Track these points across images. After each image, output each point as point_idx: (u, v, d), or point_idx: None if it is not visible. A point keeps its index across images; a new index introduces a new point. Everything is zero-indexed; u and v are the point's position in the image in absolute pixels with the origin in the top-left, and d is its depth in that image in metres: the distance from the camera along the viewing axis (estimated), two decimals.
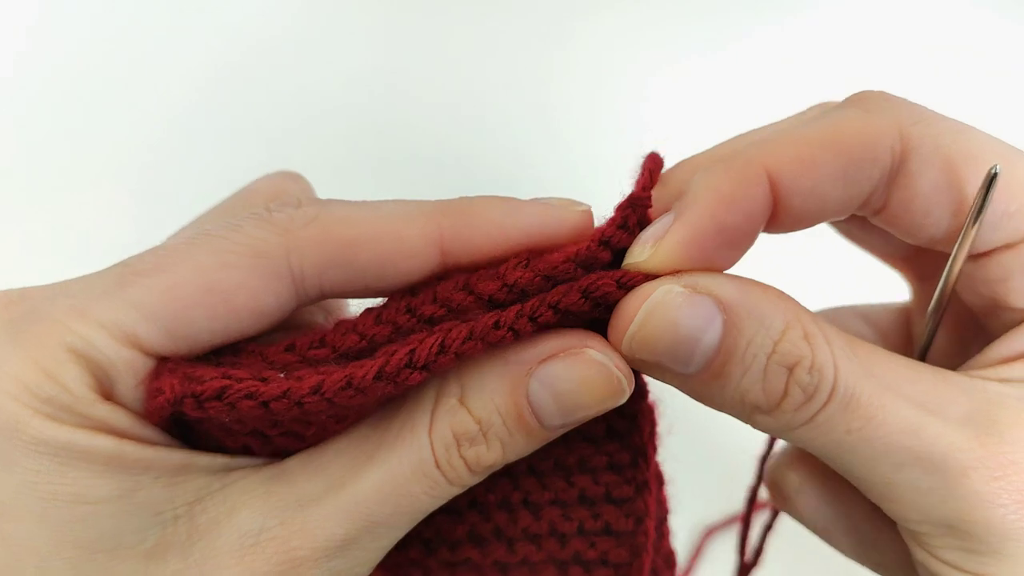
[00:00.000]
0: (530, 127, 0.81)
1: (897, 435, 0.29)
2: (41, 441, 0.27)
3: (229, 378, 0.29)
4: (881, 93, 0.33)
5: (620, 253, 0.32)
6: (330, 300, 0.34)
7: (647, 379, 0.36)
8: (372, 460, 0.30)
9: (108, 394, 0.30)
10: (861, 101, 0.33)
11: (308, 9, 0.89)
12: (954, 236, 0.32)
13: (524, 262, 0.31)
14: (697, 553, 0.55)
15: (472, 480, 0.32)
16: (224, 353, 0.32)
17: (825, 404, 0.29)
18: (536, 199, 0.33)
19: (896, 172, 0.31)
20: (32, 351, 0.28)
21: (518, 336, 0.30)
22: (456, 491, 0.32)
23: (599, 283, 0.30)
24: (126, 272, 0.30)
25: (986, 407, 0.29)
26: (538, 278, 0.30)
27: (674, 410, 0.37)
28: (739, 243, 0.30)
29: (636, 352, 0.30)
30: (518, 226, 0.32)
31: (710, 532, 0.56)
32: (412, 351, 0.29)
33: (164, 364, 0.30)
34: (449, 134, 0.81)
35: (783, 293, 0.31)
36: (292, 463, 0.31)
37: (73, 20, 0.87)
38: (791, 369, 0.29)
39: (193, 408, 0.29)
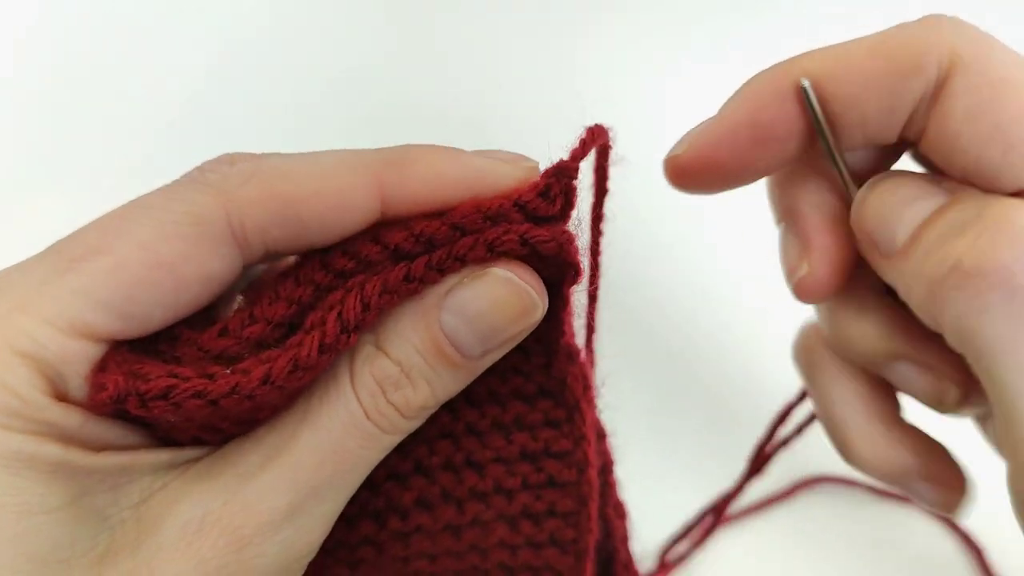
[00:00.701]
0: (533, 129, 0.80)
1: (982, 358, 0.30)
2: None
3: (175, 376, 0.29)
4: (946, 17, 0.32)
5: (533, 216, 0.32)
6: None
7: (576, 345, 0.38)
8: (302, 424, 0.30)
9: (60, 393, 0.29)
10: (924, 19, 0.32)
11: (312, 6, 0.89)
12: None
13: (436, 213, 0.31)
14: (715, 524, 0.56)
15: (407, 425, 0.32)
16: (161, 341, 0.31)
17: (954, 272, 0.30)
18: (482, 151, 0.33)
19: (940, 89, 0.31)
20: None
21: (425, 285, 0.31)
22: (394, 440, 0.32)
23: (504, 238, 0.31)
24: (64, 257, 0.29)
25: None
26: (445, 227, 0.31)
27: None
28: (775, 144, 0.32)
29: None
30: (459, 177, 0.31)
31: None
32: (339, 315, 0.29)
33: (111, 355, 0.30)
34: (451, 133, 0.81)
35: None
36: (230, 446, 0.31)
37: (70, 18, 0.87)
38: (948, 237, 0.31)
39: (136, 407, 0.28)
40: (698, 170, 0.34)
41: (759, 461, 0.49)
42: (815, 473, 0.61)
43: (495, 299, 0.31)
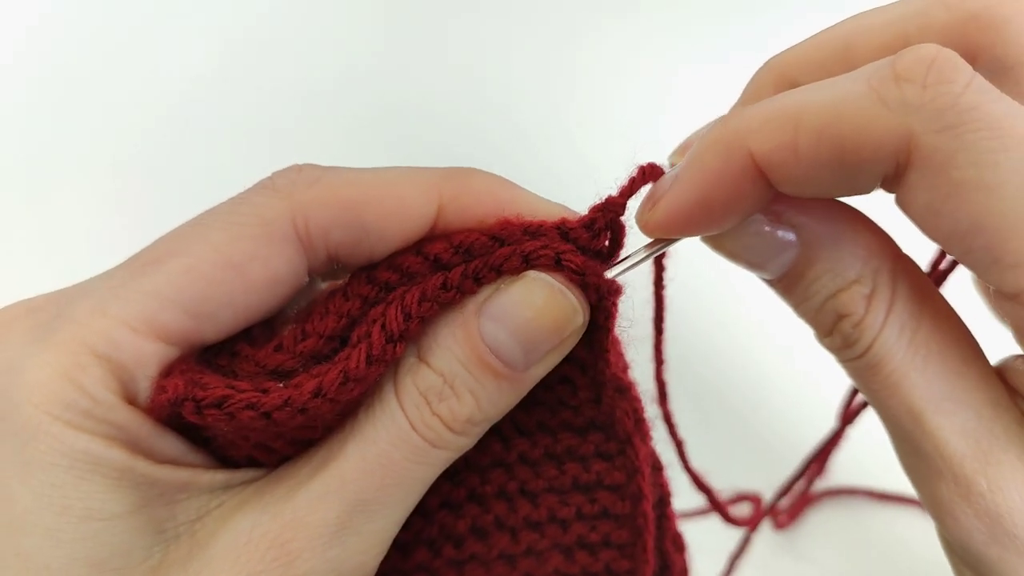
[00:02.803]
0: (538, 130, 0.82)
1: (902, 415, 0.30)
2: (58, 451, 0.28)
3: (232, 388, 0.30)
4: (911, 86, 0.26)
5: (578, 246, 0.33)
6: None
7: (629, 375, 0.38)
8: (349, 437, 0.31)
9: (131, 397, 0.30)
10: (883, 88, 0.27)
11: (315, 5, 0.91)
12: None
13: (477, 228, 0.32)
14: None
15: (456, 441, 0.32)
16: (222, 355, 0.33)
17: (856, 357, 0.31)
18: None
19: (902, 173, 0.28)
20: (56, 356, 0.29)
21: (464, 295, 0.31)
22: (443, 455, 0.32)
23: (541, 252, 0.31)
24: (141, 263, 0.31)
25: (990, 435, 0.29)
26: (484, 238, 0.32)
27: None
28: (733, 212, 0.31)
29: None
30: (512, 200, 0.33)
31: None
32: (383, 326, 0.30)
33: (177, 363, 0.31)
34: (454, 136, 0.83)
35: (884, 237, 0.31)
36: (282, 467, 0.32)
37: (70, 18, 0.91)
38: (841, 317, 0.30)
39: (192, 412, 0.30)
40: (672, 230, 0.32)
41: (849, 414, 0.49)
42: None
43: (532, 301, 0.31)
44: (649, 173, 0.34)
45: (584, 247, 0.32)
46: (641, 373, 0.39)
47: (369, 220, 0.31)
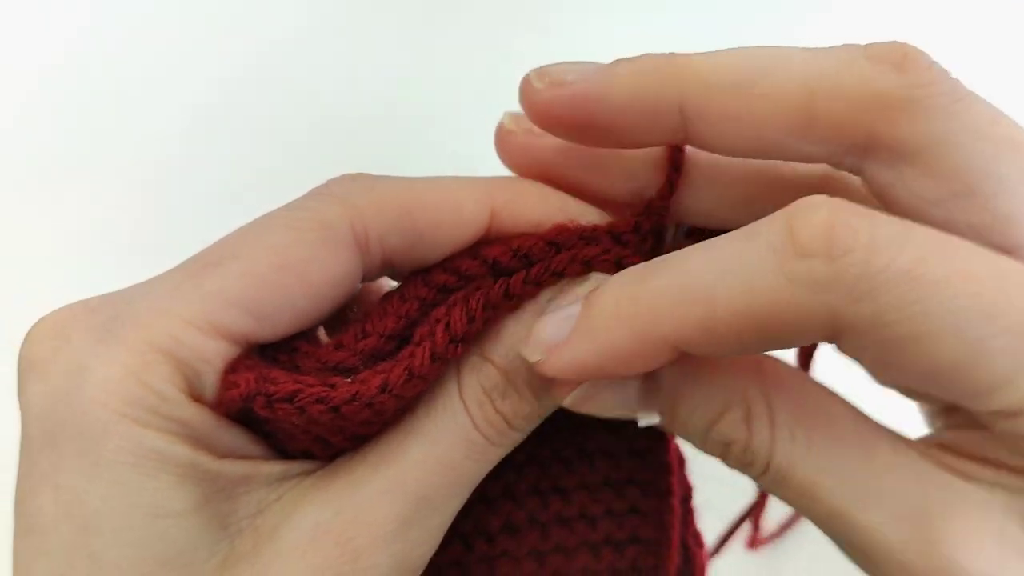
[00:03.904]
0: None
1: (828, 519, 0.30)
2: (125, 449, 0.28)
3: (300, 383, 0.31)
4: (816, 225, 0.25)
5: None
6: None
7: None
8: (410, 435, 0.31)
9: (196, 393, 0.30)
10: (793, 254, 0.25)
11: (325, 13, 0.92)
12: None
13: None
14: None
15: (512, 437, 0.33)
16: (282, 352, 0.33)
17: (760, 476, 0.31)
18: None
19: (836, 338, 0.27)
20: (119, 355, 0.29)
21: (525, 299, 0.32)
22: (499, 452, 0.33)
23: (603, 257, 0.33)
24: (200, 264, 0.31)
25: (925, 514, 0.28)
26: (541, 243, 0.33)
27: None
28: (637, 373, 0.30)
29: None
30: (563, 208, 0.34)
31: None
32: (447, 326, 0.31)
33: (242, 359, 0.31)
34: (458, 138, 0.83)
35: (751, 366, 0.31)
36: (340, 460, 0.32)
37: (84, 23, 0.90)
38: (727, 445, 0.31)
39: (263, 407, 0.30)
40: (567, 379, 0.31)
41: None
42: None
43: None
44: (678, 160, 0.35)
45: (636, 250, 0.34)
46: None
47: (424, 225, 0.32)
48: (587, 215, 0.34)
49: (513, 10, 0.92)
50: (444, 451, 0.31)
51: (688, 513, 0.42)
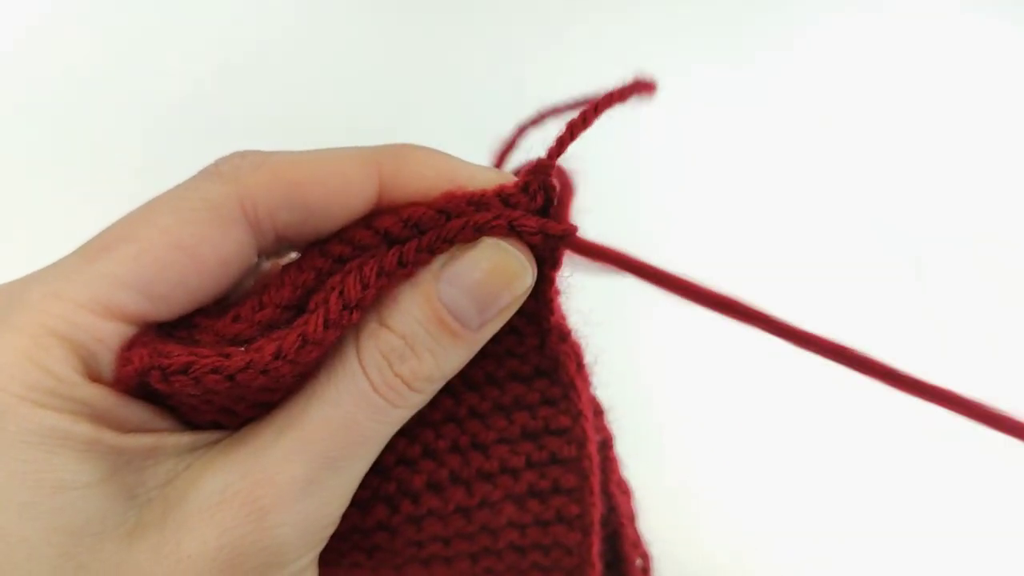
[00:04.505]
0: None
1: None
2: (28, 429, 0.29)
3: (195, 354, 0.31)
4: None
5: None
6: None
7: (569, 322, 0.40)
8: (312, 399, 0.32)
9: (93, 373, 0.31)
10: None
11: (310, 8, 0.91)
12: None
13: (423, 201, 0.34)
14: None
15: (415, 399, 0.33)
16: (181, 328, 0.34)
17: None
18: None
19: None
20: (17, 340, 0.30)
21: (419, 266, 0.33)
22: (402, 414, 0.33)
23: (494, 223, 0.33)
24: (92, 249, 0.32)
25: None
26: (432, 212, 0.33)
27: None
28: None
29: None
30: (450, 172, 0.34)
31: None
32: (341, 293, 0.32)
33: (138, 337, 0.32)
34: (449, 137, 0.83)
35: None
36: (246, 428, 0.33)
37: (69, 19, 0.89)
38: None
39: (159, 380, 0.31)
40: None
41: None
42: None
43: (487, 265, 0.32)
44: (577, 130, 0.36)
45: (526, 209, 0.34)
46: None
47: (313, 199, 0.33)
48: (477, 176, 0.35)
49: (514, 10, 0.92)
50: (346, 412, 0.32)
51: (610, 461, 0.43)
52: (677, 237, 0.77)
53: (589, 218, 0.39)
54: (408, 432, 0.39)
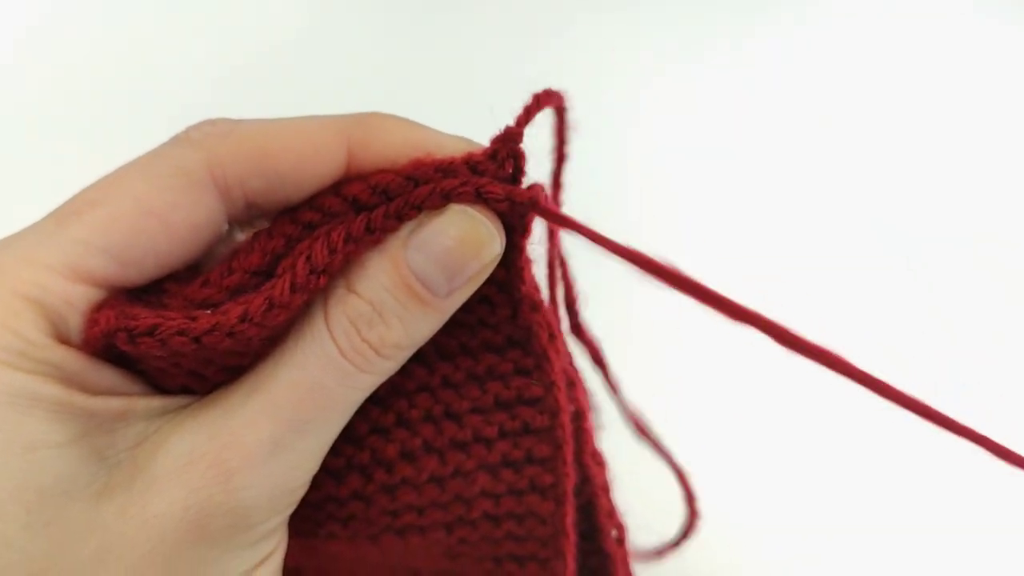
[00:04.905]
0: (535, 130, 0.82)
1: None
2: None
3: (162, 317, 0.32)
4: None
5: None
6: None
7: (543, 294, 0.40)
8: (280, 363, 0.32)
9: (63, 336, 0.32)
10: None
11: (315, 11, 0.91)
12: None
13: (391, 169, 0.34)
14: None
15: (383, 365, 0.34)
16: (151, 293, 0.34)
17: None
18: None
19: None
20: None
21: (387, 233, 0.33)
22: (371, 379, 0.34)
23: (461, 189, 0.33)
24: (62, 214, 0.32)
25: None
26: (399, 178, 0.33)
27: None
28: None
29: None
30: (419, 140, 0.35)
31: None
32: (308, 258, 0.32)
33: (107, 300, 0.32)
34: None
35: None
36: (216, 392, 0.34)
37: (76, 21, 0.90)
38: None
39: (125, 342, 0.31)
40: None
41: None
42: None
43: (455, 232, 0.33)
44: (544, 99, 0.36)
45: (493, 177, 0.35)
46: None
47: (283, 167, 0.33)
48: (446, 144, 0.35)
49: (515, 11, 0.92)
50: (313, 376, 0.32)
51: (584, 432, 0.44)
52: (677, 236, 0.77)
53: (588, 214, 0.40)
54: (381, 401, 0.39)
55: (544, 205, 0.35)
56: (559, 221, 0.35)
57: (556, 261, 0.44)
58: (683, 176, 0.81)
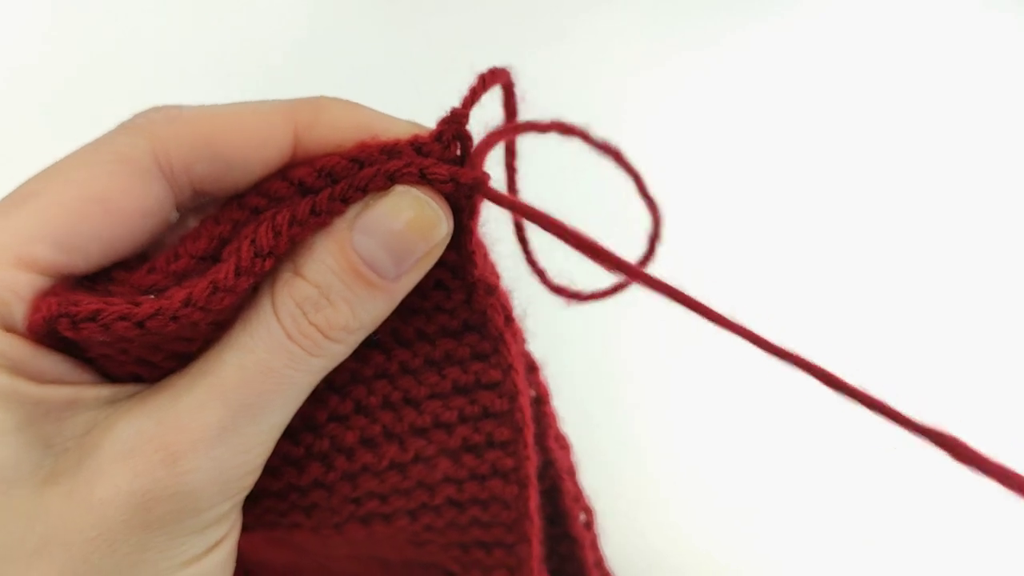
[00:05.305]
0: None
1: None
2: None
3: (105, 303, 0.32)
4: None
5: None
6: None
7: (500, 277, 0.40)
8: (227, 347, 0.32)
9: (8, 325, 0.32)
10: None
11: (315, 11, 0.92)
12: None
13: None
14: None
15: (333, 348, 0.33)
16: (99, 282, 0.34)
17: None
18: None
19: None
20: None
21: (333, 216, 0.33)
22: (321, 363, 0.34)
23: (405, 170, 0.33)
24: (6, 204, 0.32)
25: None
26: (344, 161, 0.33)
27: None
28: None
29: None
30: (364, 123, 0.35)
31: None
32: (252, 241, 0.32)
33: (53, 288, 0.33)
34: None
35: None
36: (165, 379, 0.34)
37: (75, 21, 0.89)
38: None
39: (68, 328, 0.31)
40: None
41: None
42: None
43: (401, 214, 0.33)
44: (490, 79, 0.36)
45: (440, 158, 0.35)
46: None
47: (228, 152, 0.33)
48: (392, 127, 0.35)
49: (517, 12, 0.92)
50: (260, 359, 0.32)
51: (546, 416, 0.44)
52: (676, 236, 0.77)
53: (588, 213, 0.40)
54: (340, 389, 0.39)
55: (490, 187, 0.35)
56: (506, 204, 0.35)
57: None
58: (683, 176, 0.81)
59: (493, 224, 0.37)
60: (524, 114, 0.40)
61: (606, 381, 0.62)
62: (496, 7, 0.92)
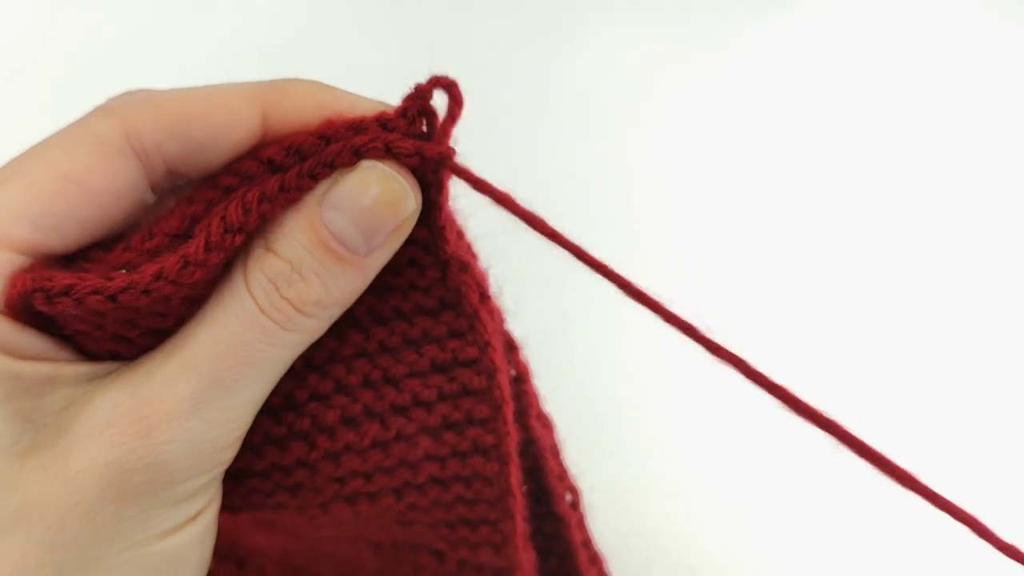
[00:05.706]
0: (530, 127, 0.83)
1: None
2: None
3: (79, 278, 0.33)
4: None
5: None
6: None
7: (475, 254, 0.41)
8: (201, 322, 0.33)
9: None
10: None
11: (316, 12, 0.93)
12: None
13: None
14: None
15: (306, 323, 0.34)
16: (76, 261, 0.35)
17: None
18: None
19: None
20: None
21: (303, 192, 0.34)
22: (295, 338, 0.34)
23: (370, 145, 0.34)
24: None
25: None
26: (312, 138, 0.34)
27: None
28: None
29: None
30: (332, 103, 0.36)
31: None
32: (223, 218, 0.33)
33: (30, 266, 0.34)
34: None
35: None
36: (141, 356, 0.35)
37: (75, 21, 0.91)
38: None
39: (42, 303, 0.32)
40: None
41: None
42: None
43: (367, 188, 0.33)
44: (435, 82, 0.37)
45: (405, 134, 0.35)
46: None
47: (198, 132, 0.35)
48: (359, 106, 0.36)
49: (519, 13, 0.93)
50: (232, 333, 0.33)
51: (527, 395, 0.44)
52: (676, 236, 0.77)
53: (587, 213, 0.40)
54: (319, 368, 0.40)
55: (456, 162, 0.35)
56: (471, 180, 0.36)
57: None
58: (682, 176, 0.81)
59: (463, 200, 0.38)
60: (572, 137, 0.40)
61: (593, 363, 0.62)
62: (497, 10, 0.93)
